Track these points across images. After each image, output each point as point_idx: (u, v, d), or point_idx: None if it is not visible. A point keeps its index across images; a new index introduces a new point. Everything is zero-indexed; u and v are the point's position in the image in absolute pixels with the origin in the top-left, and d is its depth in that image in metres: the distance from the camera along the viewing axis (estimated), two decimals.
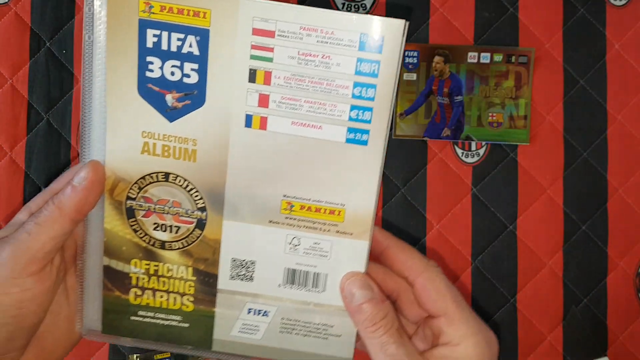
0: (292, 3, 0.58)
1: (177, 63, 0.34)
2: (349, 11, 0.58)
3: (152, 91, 0.35)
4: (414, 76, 0.57)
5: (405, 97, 0.57)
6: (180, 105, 0.35)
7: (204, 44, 0.34)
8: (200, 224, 0.38)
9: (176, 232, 0.38)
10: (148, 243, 0.39)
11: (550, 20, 0.58)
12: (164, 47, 0.34)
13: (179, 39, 0.33)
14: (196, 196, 0.38)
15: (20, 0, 0.57)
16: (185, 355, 0.55)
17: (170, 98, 0.35)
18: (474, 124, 0.57)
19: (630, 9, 0.58)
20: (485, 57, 0.57)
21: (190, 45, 0.34)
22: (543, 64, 0.58)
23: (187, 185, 0.37)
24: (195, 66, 0.34)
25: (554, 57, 0.58)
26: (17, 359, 0.36)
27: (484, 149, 0.58)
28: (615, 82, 0.58)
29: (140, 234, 0.39)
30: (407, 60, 0.57)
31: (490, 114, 0.57)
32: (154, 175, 0.37)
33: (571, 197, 0.58)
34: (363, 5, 0.57)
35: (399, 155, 0.57)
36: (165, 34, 0.33)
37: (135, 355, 0.55)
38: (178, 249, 0.39)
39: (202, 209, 0.38)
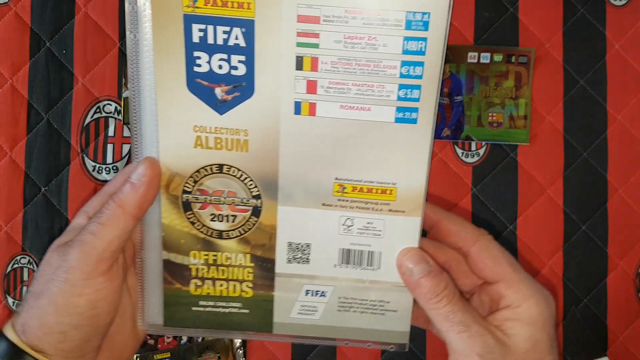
0: None
1: (225, 56, 0.34)
2: None
3: (201, 86, 0.35)
4: None
5: None
6: (229, 97, 0.35)
7: (249, 35, 0.33)
8: (256, 211, 0.39)
9: (233, 221, 0.39)
10: (206, 234, 0.39)
11: (550, 20, 0.58)
12: (210, 41, 0.34)
13: (224, 32, 0.33)
14: (250, 185, 0.38)
15: (20, 0, 0.57)
16: (187, 357, 0.55)
17: (219, 91, 0.35)
18: (474, 124, 0.57)
19: (630, 8, 0.58)
20: (485, 57, 0.57)
21: (237, 38, 0.34)
22: (543, 64, 0.58)
23: (241, 175, 0.38)
24: (243, 58, 0.34)
25: (554, 57, 0.58)
26: None
27: (484, 149, 0.58)
28: (615, 82, 0.58)
29: (198, 225, 0.39)
30: None
31: (490, 114, 0.57)
32: (208, 167, 0.38)
33: (571, 197, 0.58)
34: None
35: None
36: (210, 28, 0.33)
37: (135, 356, 0.55)
38: (235, 237, 0.39)
39: (257, 197, 0.38)
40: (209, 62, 0.34)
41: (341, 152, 0.37)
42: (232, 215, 0.39)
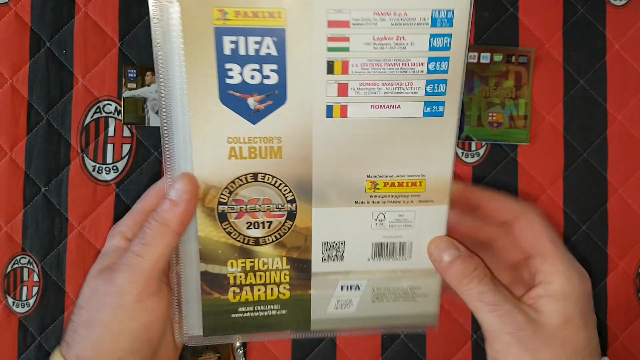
0: None
1: (257, 66, 0.34)
2: None
3: (234, 97, 0.35)
4: None
5: None
6: (262, 106, 0.35)
7: (281, 44, 0.34)
8: (291, 215, 0.40)
9: (269, 227, 0.40)
10: (243, 242, 0.40)
11: (550, 20, 0.58)
12: (242, 52, 0.34)
13: (256, 42, 0.34)
14: (285, 190, 0.39)
15: (20, 0, 0.57)
16: (186, 357, 0.55)
17: (252, 101, 0.35)
18: (474, 124, 0.57)
19: (630, 8, 0.58)
20: (485, 57, 0.57)
21: (268, 47, 0.34)
22: (543, 64, 0.58)
23: (276, 182, 0.39)
24: (275, 67, 0.34)
25: (554, 57, 0.58)
26: None
27: (484, 149, 0.58)
28: (615, 82, 0.58)
29: (234, 235, 0.40)
30: None
31: (490, 114, 0.57)
32: (242, 177, 0.38)
33: (571, 197, 0.58)
34: None
35: None
36: (242, 39, 0.33)
37: None
38: (271, 242, 0.40)
39: (292, 201, 0.39)
40: (241, 74, 0.34)
41: (372, 150, 0.38)
42: (268, 222, 0.40)
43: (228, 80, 0.34)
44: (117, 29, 0.57)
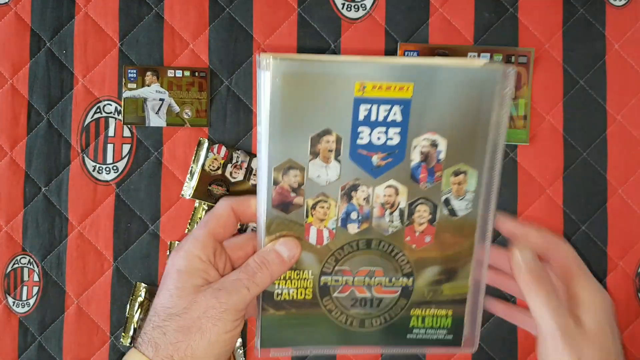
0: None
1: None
2: (349, 10, 0.58)
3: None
4: None
5: None
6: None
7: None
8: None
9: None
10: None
11: (550, 20, 0.58)
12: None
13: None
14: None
15: (20, 1, 0.57)
16: None
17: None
18: None
19: (629, 9, 0.58)
20: (485, 57, 0.57)
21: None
22: (543, 64, 0.58)
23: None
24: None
25: (554, 58, 0.58)
26: None
27: None
28: (615, 82, 0.58)
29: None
30: None
31: None
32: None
33: (571, 197, 0.58)
34: (363, 6, 0.57)
35: None
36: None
37: (142, 286, 0.56)
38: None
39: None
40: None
41: None
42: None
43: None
44: (117, 29, 0.57)
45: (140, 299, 0.56)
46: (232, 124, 0.57)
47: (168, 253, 0.57)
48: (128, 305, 0.56)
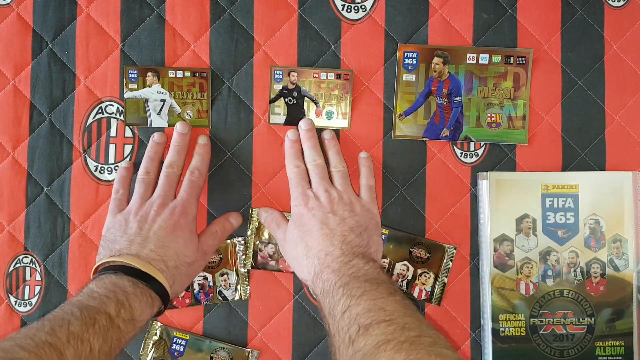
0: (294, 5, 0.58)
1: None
2: (349, 12, 0.58)
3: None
4: (413, 77, 0.57)
5: (405, 98, 0.57)
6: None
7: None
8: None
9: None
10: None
11: (549, 21, 0.58)
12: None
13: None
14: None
15: (22, 2, 0.58)
16: (201, 347, 0.56)
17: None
18: (473, 124, 0.57)
19: (628, 10, 0.59)
20: (484, 58, 0.57)
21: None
22: (541, 65, 0.58)
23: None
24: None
25: (553, 58, 0.58)
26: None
27: (482, 149, 0.58)
28: (613, 82, 0.58)
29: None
30: (406, 61, 0.57)
31: (488, 115, 0.57)
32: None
33: None
34: (363, 7, 0.58)
35: (398, 155, 0.58)
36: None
37: (157, 325, 0.56)
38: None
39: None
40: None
41: None
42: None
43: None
44: (119, 30, 0.58)
45: (155, 338, 0.56)
46: (233, 124, 0.58)
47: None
48: (142, 343, 0.56)
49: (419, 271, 0.57)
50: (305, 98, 0.57)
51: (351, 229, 0.50)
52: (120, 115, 0.58)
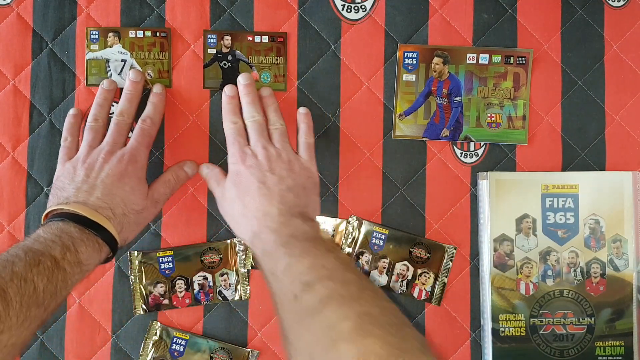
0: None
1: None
2: (349, 12, 0.58)
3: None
4: (413, 77, 0.57)
5: (405, 98, 0.57)
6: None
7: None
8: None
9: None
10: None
11: (549, 21, 0.58)
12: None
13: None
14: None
15: (22, 2, 0.58)
16: (200, 347, 0.56)
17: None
18: (473, 124, 0.57)
19: (628, 10, 0.59)
20: (484, 58, 0.57)
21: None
22: (541, 65, 0.58)
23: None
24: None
25: (553, 58, 0.58)
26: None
27: (482, 149, 0.58)
28: (613, 82, 0.58)
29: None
30: (406, 61, 0.57)
31: (488, 115, 0.57)
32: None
33: None
34: (363, 7, 0.58)
35: (398, 155, 0.58)
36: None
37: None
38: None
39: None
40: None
41: None
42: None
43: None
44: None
45: (155, 338, 0.56)
46: None
47: None
48: (142, 343, 0.56)
49: (419, 271, 0.57)
50: (240, 61, 0.57)
51: (289, 189, 0.50)
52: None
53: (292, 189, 0.50)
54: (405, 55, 0.57)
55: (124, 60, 0.57)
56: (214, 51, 0.57)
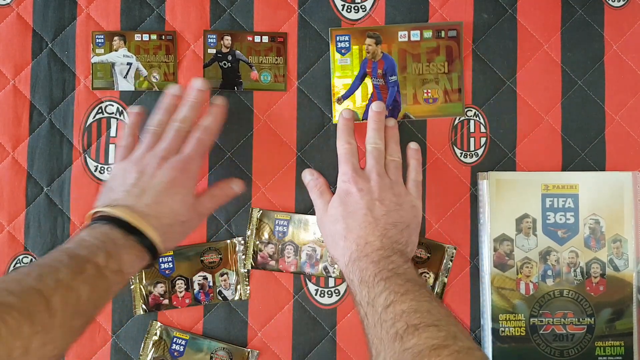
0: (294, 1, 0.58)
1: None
2: (349, 12, 0.58)
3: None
4: (347, 60, 0.57)
5: (341, 82, 0.57)
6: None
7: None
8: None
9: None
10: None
11: (549, 21, 0.58)
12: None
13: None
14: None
15: (22, 2, 0.58)
16: (200, 347, 0.56)
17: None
18: (410, 102, 0.57)
19: (628, 10, 0.59)
20: (415, 35, 0.57)
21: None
22: (541, 65, 0.58)
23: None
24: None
25: (553, 58, 0.58)
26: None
27: (482, 149, 0.58)
28: (613, 82, 0.58)
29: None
30: (339, 45, 0.57)
31: (425, 91, 0.57)
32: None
33: None
34: (363, 7, 0.58)
35: None
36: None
37: (158, 325, 0.56)
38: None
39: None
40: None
41: None
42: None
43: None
44: (119, 30, 0.58)
45: (155, 338, 0.56)
46: (232, 124, 0.58)
47: None
48: (142, 343, 0.56)
49: (419, 271, 0.57)
50: (240, 61, 0.57)
51: (394, 224, 0.50)
52: (120, 115, 0.58)
53: (397, 224, 0.50)
54: (338, 39, 0.57)
55: (130, 64, 0.57)
56: (214, 51, 0.57)
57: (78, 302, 0.40)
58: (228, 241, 0.57)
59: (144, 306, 0.56)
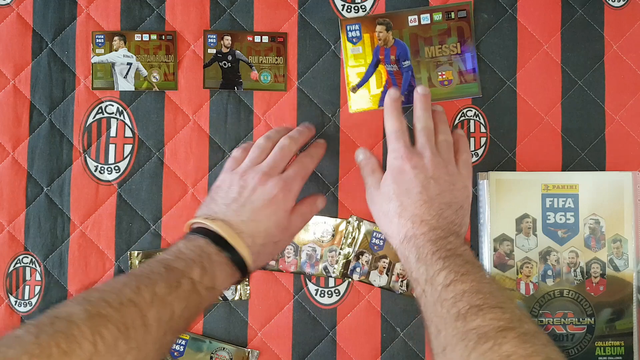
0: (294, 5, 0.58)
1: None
2: (349, 12, 0.58)
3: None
4: (359, 49, 0.57)
5: (355, 71, 0.57)
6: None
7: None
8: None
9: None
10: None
11: (549, 21, 0.58)
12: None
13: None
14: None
15: (22, 2, 0.58)
16: (201, 347, 0.56)
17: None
18: (426, 85, 0.57)
19: (628, 10, 0.59)
20: (425, 18, 0.57)
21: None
22: (541, 65, 0.58)
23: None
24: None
25: (553, 58, 0.58)
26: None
27: (482, 148, 0.58)
28: (613, 82, 0.58)
29: None
30: (349, 34, 0.57)
31: (439, 74, 0.57)
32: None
33: None
34: (363, 7, 0.58)
35: None
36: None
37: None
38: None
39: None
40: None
41: None
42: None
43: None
44: (119, 30, 0.58)
45: None
46: (232, 124, 0.58)
47: None
48: None
49: None
50: (240, 61, 0.57)
51: (449, 204, 0.49)
52: (120, 115, 0.58)
53: (451, 205, 0.49)
54: (348, 28, 0.57)
55: (130, 64, 0.57)
56: (214, 51, 0.57)
57: (172, 318, 0.40)
58: None
59: None
